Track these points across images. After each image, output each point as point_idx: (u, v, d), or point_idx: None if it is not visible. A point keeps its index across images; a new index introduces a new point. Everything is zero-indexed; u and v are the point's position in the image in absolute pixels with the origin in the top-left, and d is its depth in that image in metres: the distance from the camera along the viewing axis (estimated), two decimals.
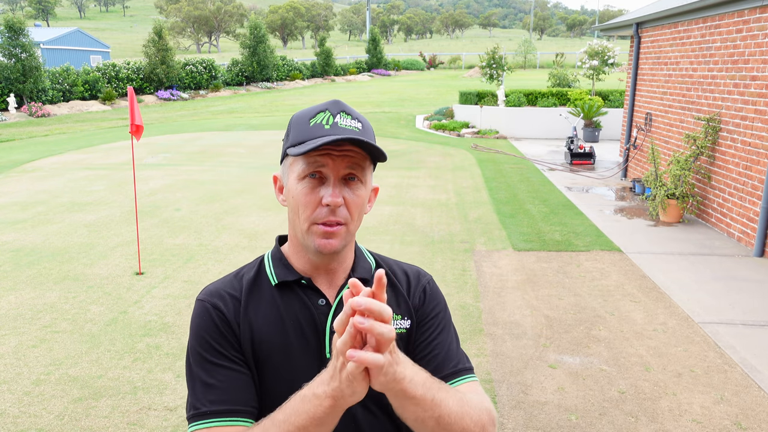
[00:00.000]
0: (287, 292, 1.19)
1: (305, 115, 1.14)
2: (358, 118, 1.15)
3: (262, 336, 1.15)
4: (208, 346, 1.14)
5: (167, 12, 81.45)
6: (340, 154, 1.10)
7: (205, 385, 1.12)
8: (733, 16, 7.04)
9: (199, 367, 1.14)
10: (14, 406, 3.52)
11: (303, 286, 1.19)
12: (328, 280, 1.21)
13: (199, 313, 1.17)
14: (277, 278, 1.20)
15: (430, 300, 1.28)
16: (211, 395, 1.11)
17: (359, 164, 1.13)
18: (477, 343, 4.32)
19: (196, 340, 1.15)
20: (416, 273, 1.31)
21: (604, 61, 17.41)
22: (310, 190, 1.12)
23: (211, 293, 1.19)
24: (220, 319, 1.15)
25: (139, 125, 5.64)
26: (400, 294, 1.26)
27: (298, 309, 1.18)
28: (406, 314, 1.23)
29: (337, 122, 1.12)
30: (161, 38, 29.27)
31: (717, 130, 7.31)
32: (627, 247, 6.53)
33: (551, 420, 3.40)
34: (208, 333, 1.15)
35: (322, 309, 1.18)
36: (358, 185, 1.14)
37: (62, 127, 19.55)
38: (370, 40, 46.59)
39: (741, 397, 3.64)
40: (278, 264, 1.22)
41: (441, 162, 12.14)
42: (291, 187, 1.15)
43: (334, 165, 1.10)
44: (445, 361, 1.21)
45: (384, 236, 6.94)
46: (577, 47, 56.37)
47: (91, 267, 5.96)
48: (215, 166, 11.72)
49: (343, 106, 1.15)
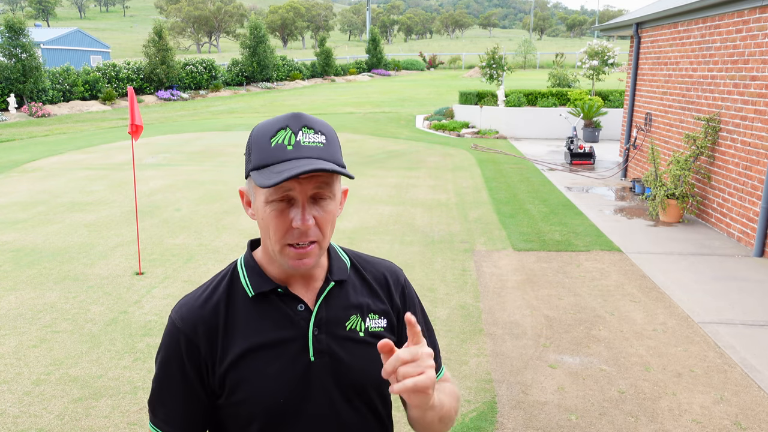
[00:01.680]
0: (264, 302, 1.18)
1: (266, 133, 1.10)
2: (321, 131, 1.11)
3: (242, 351, 1.16)
4: (170, 370, 1.19)
5: (167, 12, 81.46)
6: (307, 177, 1.08)
7: (161, 400, 1.21)
8: (733, 17, 7.04)
9: (160, 382, 1.21)
10: (14, 406, 3.53)
11: (280, 294, 1.19)
12: (305, 284, 1.21)
13: (171, 335, 1.19)
14: (253, 289, 1.18)
15: (409, 301, 1.33)
16: (162, 412, 1.21)
17: (327, 182, 1.10)
18: (477, 343, 4.32)
19: (163, 359, 1.20)
20: (393, 273, 1.33)
21: (604, 61, 17.41)
22: (278, 213, 1.10)
23: (185, 320, 1.18)
24: (188, 352, 1.17)
25: (139, 125, 5.64)
26: (376, 294, 1.27)
27: (278, 317, 1.18)
28: (382, 314, 1.26)
29: (299, 140, 1.08)
30: (161, 38, 29.28)
31: (717, 130, 7.31)
32: (627, 247, 6.53)
33: (551, 420, 3.40)
34: (174, 359, 1.18)
35: (301, 314, 1.18)
36: (327, 201, 1.12)
37: (62, 127, 19.55)
38: (370, 40, 46.59)
39: (741, 396, 3.64)
40: (252, 273, 1.20)
41: (441, 162, 12.15)
42: (259, 207, 1.13)
43: (301, 188, 1.08)
44: None
45: (384, 236, 6.94)
46: (577, 47, 56.38)
47: (91, 267, 5.97)
48: (215, 166, 11.72)
49: (305, 119, 1.10)
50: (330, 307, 1.20)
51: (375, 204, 8.52)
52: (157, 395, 1.21)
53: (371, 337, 1.22)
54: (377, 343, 1.08)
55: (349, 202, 8.58)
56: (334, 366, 1.18)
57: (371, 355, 1.18)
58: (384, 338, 1.19)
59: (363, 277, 1.28)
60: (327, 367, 1.17)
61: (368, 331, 1.22)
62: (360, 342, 1.21)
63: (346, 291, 1.23)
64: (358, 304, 1.23)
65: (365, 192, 9.31)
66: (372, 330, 1.23)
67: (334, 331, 1.19)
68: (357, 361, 1.19)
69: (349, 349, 1.19)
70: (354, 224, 7.45)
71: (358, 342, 1.21)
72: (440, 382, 1.35)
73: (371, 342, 1.21)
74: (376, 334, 1.23)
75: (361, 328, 1.22)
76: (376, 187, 9.71)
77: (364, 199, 8.85)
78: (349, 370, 1.18)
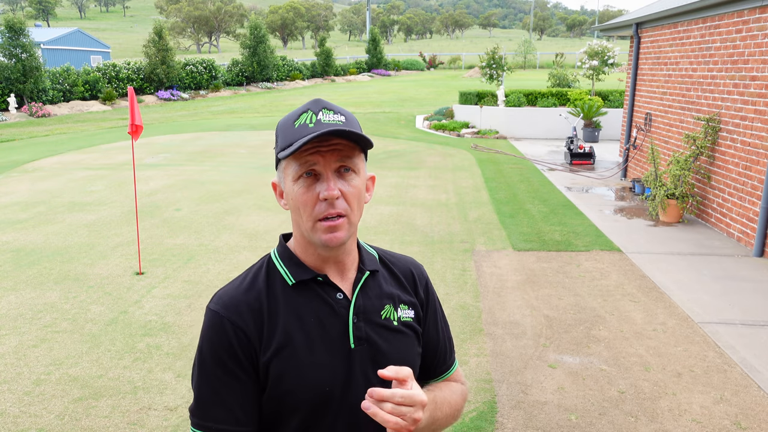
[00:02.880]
0: (304, 290, 1.21)
1: (290, 119, 1.17)
2: (341, 112, 1.17)
3: (286, 339, 1.16)
4: (221, 363, 1.15)
5: (167, 12, 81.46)
6: (329, 149, 1.13)
7: (210, 400, 1.16)
8: (733, 17, 7.04)
9: (207, 380, 1.16)
10: (15, 406, 3.53)
11: (320, 282, 1.21)
12: (341, 274, 1.24)
13: (215, 327, 1.16)
14: (293, 278, 1.21)
15: (431, 296, 1.38)
16: (213, 411, 1.15)
17: (348, 155, 1.15)
18: (477, 343, 4.33)
19: (209, 354, 1.16)
20: (417, 268, 1.38)
21: (604, 62, 17.41)
22: (306, 189, 1.14)
23: (228, 306, 1.17)
24: (238, 339, 1.15)
25: (139, 125, 5.65)
26: (404, 287, 1.32)
27: (318, 305, 1.20)
28: (410, 306, 1.31)
29: (320, 119, 1.14)
30: (161, 38, 29.28)
31: (717, 130, 7.31)
32: (627, 247, 6.54)
33: (551, 420, 3.41)
34: (223, 350, 1.15)
35: (341, 302, 1.21)
36: (351, 176, 1.16)
37: (62, 127, 19.56)
38: (370, 41, 46.58)
39: (740, 396, 3.64)
40: (290, 263, 1.23)
41: (441, 162, 12.15)
42: (289, 189, 1.17)
43: (325, 161, 1.13)
44: (447, 354, 1.41)
45: (384, 236, 6.95)
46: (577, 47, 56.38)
47: (91, 267, 5.97)
48: (215, 166, 11.72)
49: (324, 103, 1.17)
50: (367, 296, 1.24)
51: (375, 204, 8.52)
52: (207, 394, 1.16)
53: (404, 326, 1.27)
54: (408, 332, 1.22)
55: None
56: (373, 353, 1.21)
57: (405, 343, 1.26)
58: (413, 328, 1.29)
59: (391, 271, 1.33)
60: (366, 354, 1.20)
61: (401, 320, 1.27)
62: (394, 330, 1.25)
63: (378, 281, 1.28)
64: (390, 294, 1.28)
65: None
66: (404, 320, 1.28)
67: (371, 318, 1.23)
68: (393, 349, 1.24)
69: (385, 336, 1.23)
70: None
71: (393, 330, 1.25)
72: (447, 381, 1.41)
73: (404, 331, 1.27)
74: (407, 323, 1.28)
75: (395, 317, 1.26)
76: (376, 187, 9.72)
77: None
78: (386, 358, 1.22)
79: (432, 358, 1.37)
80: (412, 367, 1.24)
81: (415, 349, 1.29)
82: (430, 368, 1.38)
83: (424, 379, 1.39)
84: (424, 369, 1.37)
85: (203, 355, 1.17)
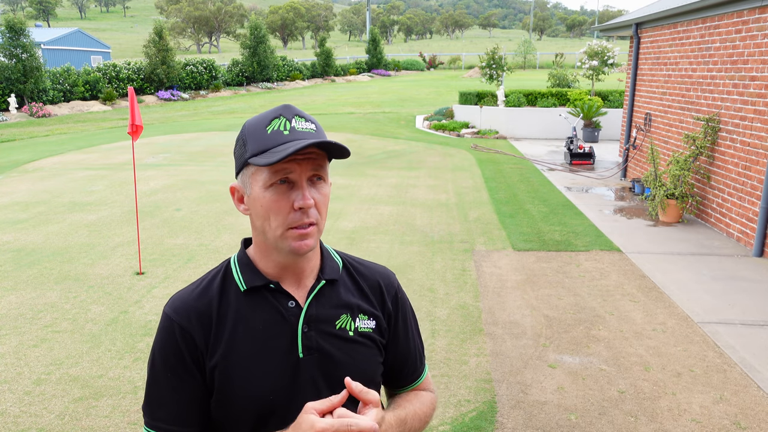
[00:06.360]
0: (255, 297, 1.21)
1: (260, 123, 1.15)
2: (311, 120, 1.17)
3: (233, 345, 1.18)
4: (170, 365, 1.18)
5: (168, 12, 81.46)
6: (304, 158, 1.12)
7: (158, 401, 1.20)
8: (733, 17, 7.05)
9: (157, 381, 1.20)
10: (15, 406, 3.53)
11: (271, 290, 1.21)
12: (296, 282, 1.23)
13: (166, 329, 1.19)
14: (245, 284, 1.21)
15: (401, 306, 1.37)
16: (161, 412, 1.19)
17: (321, 164, 1.16)
18: (477, 343, 4.33)
19: (159, 356, 1.20)
20: (386, 278, 1.36)
21: (604, 62, 17.41)
22: (279, 196, 1.13)
23: (179, 311, 1.19)
24: (186, 342, 1.17)
25: (139, 125, 5.65)
26: (366, 298, 1.30)
27: (267, 313, 1.20)
28: (371, 316, 1.29)
29: (294, 127, 1.14)
30: (162, 38, 29.28)
31: (716, 130, 7.32)
32: (626, 247, 6.54)
33: (551, 419, 3.41)
34: (172, 353, 1.18)
35: (292, 311, 1.20)
36: (322, 184, 1.18)
37: (63, 127, 19.56)
38: (370, 41, 46.58)
39: (740, 396, 3.64)
40: (246, 269, 1.23)
41: (441, 162, 12.15)
42: (257, 195, 1.15)
43: (301, 169, 1.13)
44: (415, 363, 1.40)
45: (384, 236, 6.95)
46: (577, 47, 56.38)
47: (91, 267, 5.97)
48: (216, 166, 11.73)
49: (295, 110, 1.16)
50: (320, 305, 1.23)
51: (375, 204, 8.52)
52: (156, 395, 1.19)
53: (361, 337, 1.25)
54: (367, 342, 1.18)
55: (349, 202, 8.59)
56: (324, 362, 1.20)
57: (361, 352, 1.23)
58: (373, 339, 1.26)
59: (355, 280, 1.31)
60: (316, 363, 1.20)
61: (358, 330, 1.25)
62: (350, 341, 1.24)
63: (337, 290, 1.26)
64: (349, 303, 1.26)
65: (365, 192, 9.32)
66: (361, 330, 1.26)
67: (323, 328, 1.21)
68: (348, 359, 1.22)
69: (339, 346, 1.22)
70: (354, 224, 7.46)
71: (348, 341, 1.23)
72: (416, 390, 1.40)
73: (361, 341, 1.25)
74: (365, 333, 1.26)
75: (351, 327, 1.25)
76: (376, 187, 9.72)
77: (364, 199, 8.85)
78: (339, 367, 1.21)
79: (401, 367, 1.36)
80: (372, 377, 1.24)
81: (376, 360, 1.28)
82: (400, 377, 1.38)
83: (394, 387, 1.39)
84: (393, 378, 1.37)
85: (154, 356, 1.20)
